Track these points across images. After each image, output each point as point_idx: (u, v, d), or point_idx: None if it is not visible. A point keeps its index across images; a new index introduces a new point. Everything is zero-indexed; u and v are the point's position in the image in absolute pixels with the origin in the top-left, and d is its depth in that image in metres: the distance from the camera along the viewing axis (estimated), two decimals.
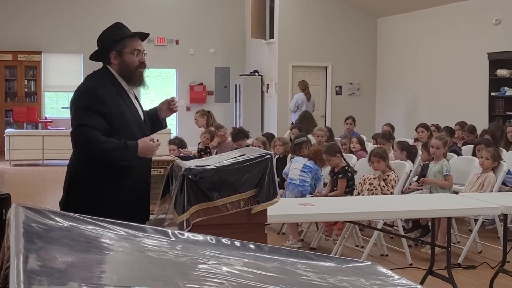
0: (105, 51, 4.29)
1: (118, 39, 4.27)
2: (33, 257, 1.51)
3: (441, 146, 7.73)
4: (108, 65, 4.28)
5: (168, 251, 1.93)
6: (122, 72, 4.26)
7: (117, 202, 4.08)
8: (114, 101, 4.15)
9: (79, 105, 4.14)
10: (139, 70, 4.29)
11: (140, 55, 4.29)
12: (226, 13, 19.90)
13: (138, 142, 4.13)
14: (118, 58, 4.25)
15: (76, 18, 18.79)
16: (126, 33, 4.32)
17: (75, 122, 4.10)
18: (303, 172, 7.83)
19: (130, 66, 4.24)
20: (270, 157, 4.47)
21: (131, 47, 4.27)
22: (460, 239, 7.99)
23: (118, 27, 4.38)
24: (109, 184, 4.11)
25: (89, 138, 4.01)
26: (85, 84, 4.27)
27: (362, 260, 2.36)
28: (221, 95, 20.07)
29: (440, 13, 15.75)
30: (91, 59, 4.43)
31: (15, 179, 13.77)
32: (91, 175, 4.12)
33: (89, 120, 4.03)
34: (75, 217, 2.04)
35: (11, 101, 18.73)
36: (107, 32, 4.38)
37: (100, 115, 4.05)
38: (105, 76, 4.27)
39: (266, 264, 2.01)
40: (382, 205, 5.98)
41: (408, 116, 16.79)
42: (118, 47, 4.26)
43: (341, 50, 18.14)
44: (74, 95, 4.25)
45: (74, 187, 4.18)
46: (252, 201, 4.40)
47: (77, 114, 4.12)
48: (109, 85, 4.20)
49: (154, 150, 4.22)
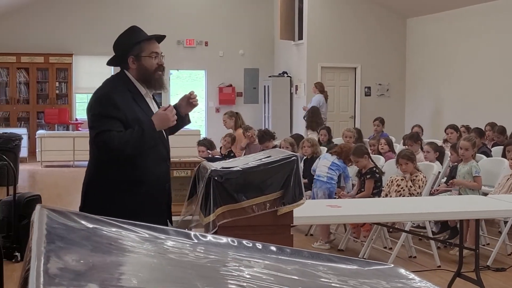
0: (122, 56, 4.25)
1: (134, 43, 4.21)
2: (54, 259, 1.53)
3: (469, 148, 7.68)
4: (126, 69, 4.25)
5: (189, 253, 1.95)
6: (140, 76, 4.22)
7: (134, 208, 4.01)
8: (129, 106, 4.11)
9: (94, 112, 4.12)
10: (158, 73, 4.26)
11: (158, 58, 4.25)
12: (255, 15, 19.93)
13: (152, 119, 4.09)
14: (136, 62, 4.21)
15: (106, 20, 18.94)
16: (143, 36, 4.26)
17: (93, 131, 4.07)
18: (330, 169, 7.85)
19: (148, 70, 4.21)
20: (296, 158, 4.48)
21: (148, 50, 4.22)
22: (489, 241, 7.94)
23: (134, 31, 4.32)
24: (126, 190, 4.09)
25: (106, 141, 3.99)
26: (99, 91, 4.23)
27: (385, 263, 2.35)
28: (250, 97, 20.11)
29: (471, 14, 15.63)
30: (109, 64, 4.41)
31: (46, 180, 13.91)
32: (107, 182, 4.10)
33: (106, 125, 4.01)
34: (98, 219, 2.06)
35: (43, 103, 18.93)
36: (123, 36, 4.30)
37: (117, 120, 4.03)
38: (121, 81, 4.23)
39: (287, 266, 2.02)
40: (410, 206, 5.95)
41: (438, 117, 16.69)
42: (135, 51, 4.21)
43: (370, 51, 18.07)
44: (89, 102, 4.26)
45: (90, 195, 4.17)
46: (278, 203, 4.41)
47: (94, 122, 4.09)
48: (124, 90, 4.17)
49: (171, 117, 4.14)
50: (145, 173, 4.13)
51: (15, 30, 18.53)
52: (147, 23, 18.99)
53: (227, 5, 19.75)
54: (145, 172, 4.12)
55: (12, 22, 18.53)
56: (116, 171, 4.08)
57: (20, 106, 18.78)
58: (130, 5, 19.08)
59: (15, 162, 12.41)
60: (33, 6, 18.59)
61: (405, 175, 7.45)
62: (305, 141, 9.17)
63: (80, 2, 18.89)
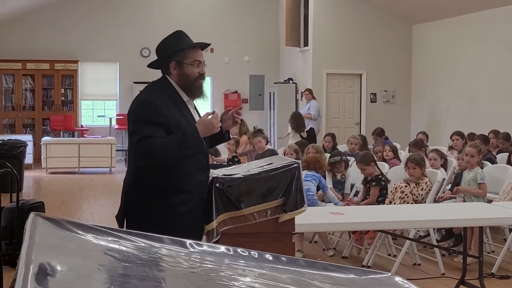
0: (164, 61, 4.16)
1: (179, 50, 4.12)
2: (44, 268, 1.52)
3: (475, 154, 7.64)
4: (167, 75, 4.16)
5: (183, 262, 1.93)
6: (181, 83, 4.13)
7: (174, 218, 3.96)
8: (171, 113, 4.02)
9: (137, 118, 4.02)
10: (199, 82, 4.17)
11: (200, 67, 4.16)
12: (260, 22, 19.94)
13: (196, 125, 4.00)
14: (178, 69, 4.12)
15: (112, 27, 18.99)
16: (187, 43, 4.17)
17: (136, 137, 3.97)
18: (305, 181, 7.69)
19: (190, 78, 4.12)
20: (297, 165, 4.46)
21: (192, 58, 4.13)
22: (494, 249, 7.89)
23: (180, 36, 4.21)
24: (166, 199, 4.00)
25: (148, 148, 3.90)
26: (142, 96, 4.15)
27: (382, 271, 2.33)
28: (256, 103, 20.10)
29: (476, 20, 15.59)
30: (150, 67, 4.29)
31: (51, 187, 13.91)
32: (147, 191, 4.02)
33: (148, 131, 3.92)
34: (93, 228, 2.05)
35: (48, 109, 18.95)
36: (167, 40, 4.21)
37: (159, 126, 3.95)
38: (163, 86, 4.15)
39: (282, 275, 2.00)
40: (413, 213, 5.93)
41: (443, 124, 16.64)
42: (178, 57, 4.12)
43: (376, 58, 18.05)
44: (131, 107, 4.13)
45: (131, 205, 4.09)
46: (280, 210, 4.39)
47: (136, 127, 4.00)
48: (167, 96, 4.08)
49: (216, 123, 4.04)
50: (185, 182, 4.05)
51: (20, 37, 18.58)
52: (152, 30, 19.05)
53: (232, 12, 19.76)
54: (185, 180, 4.05)
55: (17, 29, 18.57)
56: (157, 179, 4.00)
57: (25, 112, 18.80)
58: (135, 12, 19.11)
59: (20, 169, 12.41)
60: (38, 13, 18.63)
61: (411, 179, 7.42)
62: (310, 148, 9.02)
63: (86, 9, 18.92)
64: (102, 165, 16.38)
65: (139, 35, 19.04)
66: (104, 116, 19.53)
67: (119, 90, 19.31)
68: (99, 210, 10.99)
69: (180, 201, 4.02)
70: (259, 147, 9.76)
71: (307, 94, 16.47)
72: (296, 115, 14.65)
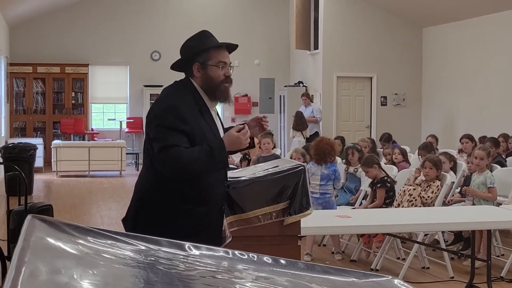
0: (187, 62, 3.91)
1: (202, 50, 3.87)
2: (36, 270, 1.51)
3: (484, 157, 7.59)
4: (191, 77, 3.92)
5: (180, 265, 1.92)
6: (205, 86, 3.88)
7: (191, 230, 3.75)
8: (196, 120, 3.79)
9: (160, 123, 3.75)
10: (224, 85, 3.88)
11: (225, 69, 3.89)
12: (271, 25, 19.94)
13: (223, 138, 3.80)
14: (201, 71, 3.86)
15: (122, 30, 19.04)
16: (212, 43, 3.91)
17: (159, 143, 3.72)
18: (322, 185, 7.68)
19: (214, 80, 3.86)
20: (303, 168, 4.44)
21: (216, 59, 3.86)
22: (504, 252, 7.84)
23: (205, 36, 3.95)
24: (184, 210, 3.80)
25: (173, 157, 3.66)
26: (166, 100, 3.87)
27: (382, 274, 2.31)
28: (266, 106, 20.04)
29: (487, 23, 15.53)
30: (173, 69, 4.03)
31: (61, 190, 13.94)
32: (165, 200, 3.79)
33: (173, 139, 3.68)
34: (90, 230, 2.04)
35: (59, 113, 19.02)
36: (191, 40, 3.95)
37: (184, 134, 3.72)
38: (187, 90, 3.89)
39: (279, 278, 1.98)
40: (421, 216, 5.89)
41: (454, 127, 16.58)
42: (202, 58, 3.86)
43: (386, 61, 18.01)
44: (153, 110, 3.87)
45: (144, 213, 3.84)
46: (285, 213, 4.38)
47: (159, 134, 3.74)
48: (192, 102, 3.85)
49: (244, 140, 3.80)
50: (205, 193, 3.85)
51: (31, 40, 18.66)
52: (162, 34, 19.12)
53: (242, 15, 19.78)
54: (205, 192, 3.86)
55: (28, 33, 18.66)
56: (176, 189, 3.79)
57: (36, 116, 18.87)
58: (145, 16, 19.15)
59: (30, 172, 12.45)
60: (48, 17, 18.70)
61: (426, 179, 7.37)
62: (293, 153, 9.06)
63: (96, 13, 18.99)
64: (112, 169, 16.42)
65: (149, 38, 19.09)
66: (115, 120, 19.58)
67: (129, 93, 19.36)
68: (109, 213, 11.00)
69: (199, 212, 3.83)
70: (266, 148, 9.73)
71: (305, 99, 16.56)
72: (299, 114, 15.17)
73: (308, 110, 16.29)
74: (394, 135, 13.03)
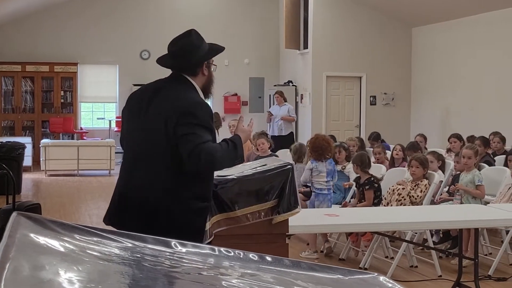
0: (196, 62, 3.91)
1: (213, 51, 3.98)
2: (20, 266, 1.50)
3: (472, 156, 7.62)
4: (190, 75, 3.92)
5: (165, 261, 1.92)
6: (205, 84, 3.96)
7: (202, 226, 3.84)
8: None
9: (197, 121, 3.71)
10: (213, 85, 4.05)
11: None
12: (260, 24, 19.94)
13: (239, 134, 3.92)
14: (207, 71, 3.95)
15: (111, 29, 18.99)
16: (219, 46, 4.06)
17: (196, 139, 3.66)
18: (328, 182, 7.73)
19: (212, 80, 3.98)
20: (291, 167, 4.45)
21: (212, 60, 4.00)
22: (492, 251, 7.87)
23: (201, 37, 3.97)
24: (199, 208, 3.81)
25: (209, 153, 3.63)
26: (189, 96, 3.83)
27: (368, 271, 2.32)
28: (255, 106, 20.09)
29: (477, 23, 15.57)
30: (173, 68, 3.98)
31: (50, 189, 13.90)
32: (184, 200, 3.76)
33: (207, 136, 3.70)
34: (75, 227, 2.04)
35: (48, 112, 18.95)
36: (194, 40, 3.92)
37: (211, 132, 3.77)
38: (190, 87, 3.90)
39: (265, 275, 1.99)
40: (409, 215, 5.91)
41: (443, 127, 16.62)
42: (208, 59, 3.97)
43: (376, 60, 18.03)
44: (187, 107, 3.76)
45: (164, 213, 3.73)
46: (273, 212, 4.39)
47: (195, 130, 3.68)
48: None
49: (250, 132, 4.06)
50: (211, 190, 3.95)
51: (20, 39, 18.59)
52: (151, 32, 19.08)
53: (232, 14, 19.77)
54: (211, 188, 3.95)
55: (17, 31, 18.59)
56: (193, 187, 3.78)
57: (25, 115, 18.80)
58: (135, 15, 19.11)
59: (18, 171, 12.41)
60: (38, 16, 18.64)
61: (413, 178, 7.39)
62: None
63: (85, 12, 18.93)
64: (101, 168, 16.36)
65: (139, 37, 19.05)
66: (104, 119, 19.53)
67: (119, 92, 19.30)
68: (98, 212, 10.96)
69: (205, 209, 3.87)
70: (262, 149, 9.67)
71: (278, 97, 16.34)
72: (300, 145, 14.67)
73: (283, 109, 16.17)
74: (383, 135, 13.08)
